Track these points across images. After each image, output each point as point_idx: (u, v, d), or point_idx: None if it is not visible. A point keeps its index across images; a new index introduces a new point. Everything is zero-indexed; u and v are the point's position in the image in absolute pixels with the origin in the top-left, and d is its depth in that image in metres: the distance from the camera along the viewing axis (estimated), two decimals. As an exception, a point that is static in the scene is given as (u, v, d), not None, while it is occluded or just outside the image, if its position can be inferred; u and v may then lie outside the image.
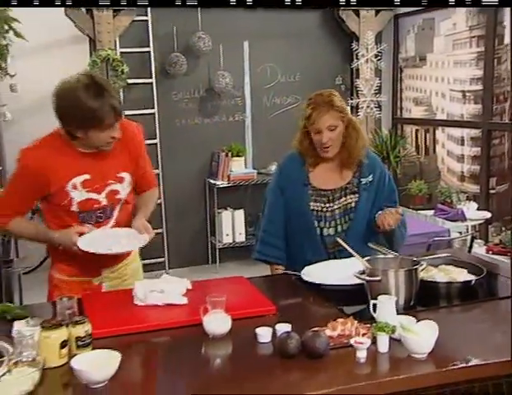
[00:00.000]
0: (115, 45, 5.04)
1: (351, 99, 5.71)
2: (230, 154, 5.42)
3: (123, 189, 2.26)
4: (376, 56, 5.63)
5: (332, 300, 2.04)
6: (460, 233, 4.48)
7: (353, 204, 2.43)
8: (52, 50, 5.52)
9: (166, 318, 1.91)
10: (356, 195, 2.44)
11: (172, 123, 5.42)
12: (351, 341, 1.64)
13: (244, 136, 5.67)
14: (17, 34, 4.51)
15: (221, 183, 5.39)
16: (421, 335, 1.62)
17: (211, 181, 5.47)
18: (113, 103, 2.05)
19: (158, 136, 5.27)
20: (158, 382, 1.57)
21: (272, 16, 5.23)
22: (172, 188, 5.42)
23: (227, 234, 5.48)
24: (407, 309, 1.92)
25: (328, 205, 2.43)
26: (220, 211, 5.48)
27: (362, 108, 5.68)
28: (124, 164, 2.25)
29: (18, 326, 1.68)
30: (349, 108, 5.56)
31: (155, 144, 5.26)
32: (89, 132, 2.06)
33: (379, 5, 4.86)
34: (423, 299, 2.00)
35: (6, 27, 4.31)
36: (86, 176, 2.15)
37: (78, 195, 2.15)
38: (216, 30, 5.22)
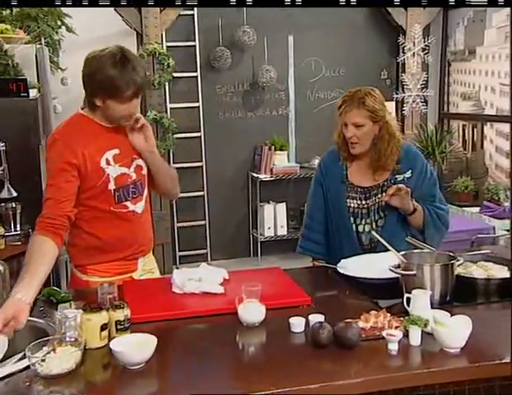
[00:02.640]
0: (162, 39, 5.13)
1: (397, 93, 5.65)
2: (273, 148, 5.45)
3: (144, 165, 2.26)
4: (423, 50, 5.54)
5: (367, 293, 2.05)
6: (507, 231, 4.37)
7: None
8: (100, 44, 5.61)
9: (203, 305, 1.96)
10: None
11: (216, 117, 5.49)
12: (383, 334, 1.65)
13: (287, 130, 5.69)
14: (69, 29, 4.66)
15: (263, 176, 5.43)
16: (454, 328, 1.61)
17: (254, 174, 5.51)
18: (134, 77, 2.00)
19: (202, 129, 5.35)
20: (192, 367, 1.61)
21: (317, 10, 5.16)
22: (215, 180, 5.49)
23: (269, 228, 5.53)
24: (442, 304, 1.90)
25: (363, 202, 2.43)
26: (262, 204, 5.53)
27: (408, 102, 5.60)
28: None
29: (62, 308, 1.77)
30: (394, 105, 5.52)
31: (199, 137, 5.35)
32: (106, 101, 2.03)
33: (379, 5, 4.80)
34: (460, 294, 1.98)
35: (58, 23, 4.45)
36: (116, 151, 2.14)
37: (113, 170, 2.14)
38: (260, 24, 5.25)
